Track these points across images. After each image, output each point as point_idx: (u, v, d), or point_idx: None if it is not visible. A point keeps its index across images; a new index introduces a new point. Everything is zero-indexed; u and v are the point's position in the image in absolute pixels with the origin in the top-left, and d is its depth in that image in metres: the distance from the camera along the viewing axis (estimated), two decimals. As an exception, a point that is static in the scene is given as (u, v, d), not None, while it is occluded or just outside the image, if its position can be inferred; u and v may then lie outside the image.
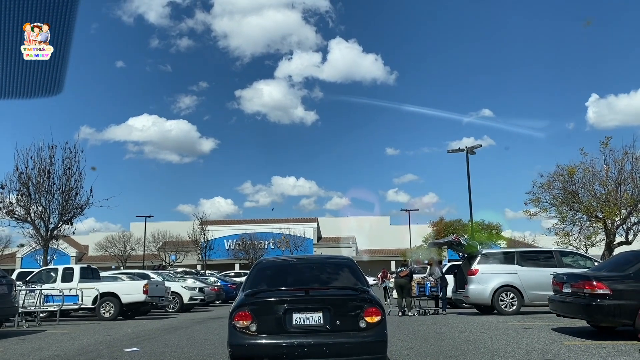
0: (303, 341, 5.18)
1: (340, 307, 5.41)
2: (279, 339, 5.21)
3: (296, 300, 5.44)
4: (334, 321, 5.30)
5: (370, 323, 5.31)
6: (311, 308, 5.36)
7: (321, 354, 5.16)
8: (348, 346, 5.21)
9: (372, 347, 5.27)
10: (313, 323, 5.31)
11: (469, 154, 34.43)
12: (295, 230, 70.55)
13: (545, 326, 10.75)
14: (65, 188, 20.54)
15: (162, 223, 67.70)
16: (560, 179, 21.03)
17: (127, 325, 13.58)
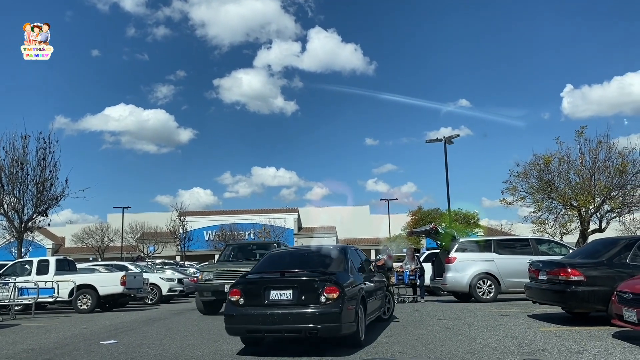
0: (275, 311, 6.83)
1: (305, 286, 6.97)
2: (259, 310, 6.91)
3: (273, 280, 7.15)
4: (300, 296, 6.90)
5: (329, 298, 6.81)
6: (283, 287, 7.02)
7: (288, 322, 6.78)
8: (308, 316, 6.77)
9: (328, 316, 6.75)
10: (284, 298, 6.96)
11: (447, 143, 34.70)
12: (275, 221, 70.47)
13: (522, 313, 10.93)
14: (39, 179, 20.13)
15: (140, 214, 66.96)
16: (536, 167, 21.32)
17: (105, 317, 13.41)
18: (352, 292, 7.25)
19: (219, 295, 12.17)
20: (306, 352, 7.04)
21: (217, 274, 12.67)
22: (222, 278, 12.41)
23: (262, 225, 70.27)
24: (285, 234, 70.26)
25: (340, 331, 6.86)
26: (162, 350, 7.78)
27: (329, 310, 6.75)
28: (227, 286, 10.81)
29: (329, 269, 7.43)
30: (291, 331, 6.91)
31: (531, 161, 21.66)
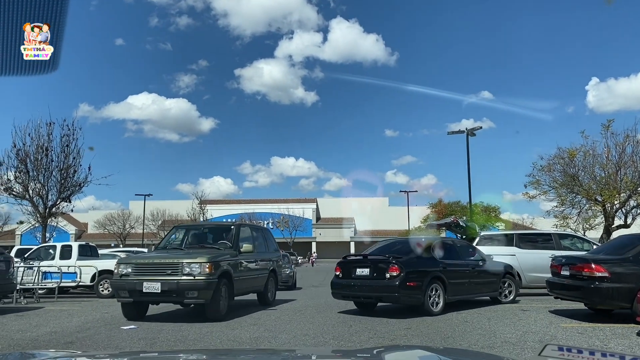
0: (359, 281, 10.05)
1: (377, 266, 9.94)
2: (348, 281, 10.24)
3: (358, 261, 10.50)
4: (373, 273, 9.92)
5: (392, 275, 9.64)
6: (364, 266, 10.13)
7: (365, 290, 9.97)
8: (379, 285, 9.74)
9: (391, 288, 9.60)
10: (364, 274, 10.03)
11: (469, 135, 34.19)
12: (294, 211, 70.75)
13: (543, 308, 10.77)
14: (63, 165, 20.44)
15: (162, 202, 67.78)
16: (560, 161, 20.94)
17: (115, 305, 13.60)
18: (414, 270, 9.89)
19: (138, 296, 9.30)
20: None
21: (136, 267, 9.58)
22: (142, 273, 9.40)
23: (281, 215, 70.59)
24: (303, 223, 70.58)
25: (398, 300, 9.86)
26: (181, 336, 7.85)
27: (392, 284, 9.54)
28: (148, 284, 9.12)
29: (394, 255, 10.13)
30: (367, 297, 10.19)
31: (555, 155, 21.32)
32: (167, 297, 9.22)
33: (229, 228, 11.33)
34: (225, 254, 10.03)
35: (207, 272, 9.08)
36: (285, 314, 10.62)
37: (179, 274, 9.13)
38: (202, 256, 9.41)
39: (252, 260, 11.10)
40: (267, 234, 13.12)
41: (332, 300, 12.37)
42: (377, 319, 9.55)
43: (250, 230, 12.03)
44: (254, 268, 11.24)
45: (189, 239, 11.41)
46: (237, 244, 10.54)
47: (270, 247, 12.76)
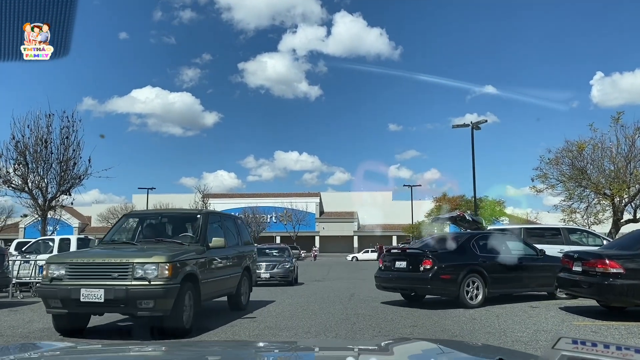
0: (397, 273, 10.69)
1: (413, 259, 10.46)
2: (389, 273, 10.88)
3: (397, 254, 11.28)
4: (409, 265, 10.43)
5: (425, 268, 10.08)
6: (402, 259, 10.74)
7: (401, 282, 10.61)
8: (414, 277, 10.28)
9: (423, 280, 10.06)
10: (402, 266, 10.60)
11: (474, 129, 33.81)
12: (297, 205, 70.49)
13: (553, 305, 10.43)
14: (63, 158, 20.14)
15: (165, 195, 67.52)
16: (569, 154, 20.50)
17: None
18: (449, 263, 10.31)
19: (74, 306, 6.99)
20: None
21: (72, 269, 7.20)
22: (79, 276, 7.14)
23: (284, 209, 70.31)
24: (307, 217, 70.31)
25: (431, 292, 10.53)
26: (178, 333, 7.53)
27: (426, 276, 9.98)
28: (87, 292, 6.85)
29: (430, 249, 10.82)
30: (403, 289, 10.82)
31: (563, 148, 20.86)
32: (113, 307, 7.06)
33: (194, 217, 9.23)
34: (190, 250, 7.95)
35: (166, 275, 6.98)
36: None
37: (129, 277, 6.92)
38: (160, 254, 7.26)
39: (223, 257, 9.08)
40: (240, 224, 11.25)
41: (329, 298, 12.07)
42: (382, 316, 9.24)
43: (221, 219, 10.01)
44: (225, 266, 9.19)
45: (143, 231, 9.11)
46: (204, 237, 8.46)
47: (244, 239, 10.72)
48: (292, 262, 17.82)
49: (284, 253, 19.15)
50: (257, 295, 13.05)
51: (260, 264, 16.79)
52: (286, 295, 13.20)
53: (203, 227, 8.61)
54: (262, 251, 20.15)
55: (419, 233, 53.52)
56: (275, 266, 17.03)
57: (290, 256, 18.65)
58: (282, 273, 16.92)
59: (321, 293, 13.93)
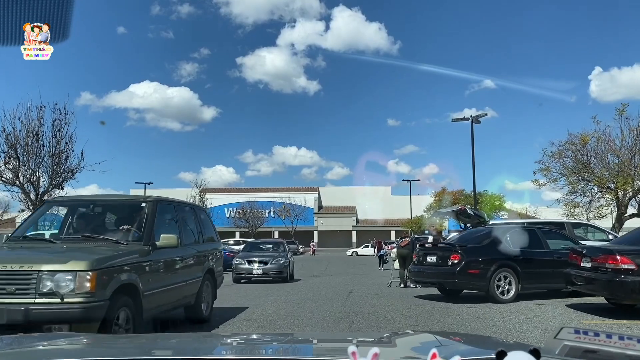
0: (428, 267, 10.85)
1: (442, 253, 10.60)
2: (420, 267, 11.10)
3: (429, 249, 11.49)
4: (439, 260, 10.53)
5: (453, 262, 10.12)
6: (432, 253, 10.92)
7: (431, 276, 10.85)
8: (442, 271, 10.44)
9: (451, 275, 10.16)
10: (432, 261, 10.73)
11: (474, 123, 33.44)
12: (296, 200, 70.02)
13: (559, 302, 10.04)
14: (55, 151, 19.66)
15: (163, 190, 66.97)
16: (572, 147, 20.04)
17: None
18: (477, 258, 10.25)
19: None
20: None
21: None
22: None
23: (282, 204, 69.87)
24: (305, 212, 69.86)
25: (458, 286, 10.52)
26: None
27: (455, 270, 10.01)
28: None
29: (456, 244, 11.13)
30: (432, 283, 11.05)
31: (566, 141, 20.37)
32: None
33: (138, 206, 6.87)
34: (128, 251, 5.96)
35: (87, 288, 4.98)
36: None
37: (32, 292, 4.92)
38: (79, 258, 5.19)
39: (176, 259, 6.96)
40: (200, 216, 8.59)
41: (326, 295, 11.71)
42: (381, 315, 8.86)
43: (176, 210, 7.60)
44: (179, 271, 7.06)
45: (70, 225, 6.97)
46: (150, 233, 6.37)
47: (206, 234, 8.47)
48: (287, 258, 16.91)
49: (278, 248, 18.35)
50: (246, 293, 12.68)
51: (253, 259, 16.30)
52: (282, 292, 12.80)
53: (149, 220, 6.47)
54: (256, 246, 19.53)
55: (419, 227, 53.38)
56: (269, 262, 16.21)
57: (285, 251, 17.77)
58: (276, 269, 16.07)
59: (318, 289, 13.54)
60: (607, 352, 1.47)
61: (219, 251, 9.05)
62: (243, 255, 17.56)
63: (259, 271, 15.96)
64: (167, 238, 6.46)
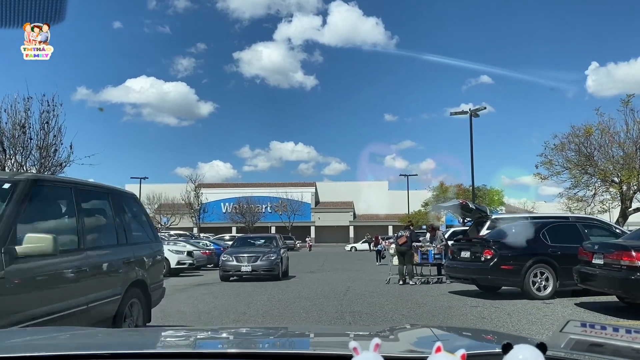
0: (462, 263, 10.68)
1: (476, 248, 10.29)
2: (455, 263, 10.95)
3: (463, 244, 11.16)
4: (472, 255, 10.29)
5: (486, 258, 9.85)
6: (466, 248, 10.69)
7: (464, 272, 10.59)
8: (475, 267, 10.14)
9: (483, 271, 9.90)
10: (466, 256, 10.52)
11: (473, 116, 32.96)
12: (292, 195, 69.49)
13: (567, 301, 9.53)
14: (43, 144, 19.06)
15: (158, 185, 66.36)
16: (575, 140, 19.49)
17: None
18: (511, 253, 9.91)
19: None
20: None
21: None
22: None
23: (279, 199, 69.32)
24: (302, 208, 69.34)
25: (491, 282, 10.21)
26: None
27: (487, 266, 9.80)
28: None
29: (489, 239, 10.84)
30: (465, 279, 10.69)
31: (569, 133, 19.80)
32: None
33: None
34: None
35: None
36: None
37: None
38: None
39: (65, 272, 4.63)
40: (126, 206, 6.13)
41: (322, 293, 11.22)
42: (380, 314, 8.35)
43: (74, 195, 4.96)
44: (73, 290, 4.70)
45: None
46: (7, 233, 4.03)
47: (135, 232, 6.20)
48: (280, 254, 15.74)
49: (270, 243, 17.09)
50: (238, 291, 12.17)
51: (241, 255, 15.28)
52: (277, 290, 12.27)
53: (6, 213, 4.13)
54: (246, 241, 18.50)
55: (416, 222, 52.79)
56: (259, 258, 15.07)
57: (277, 247, 16.50)
58: (266, 266, 14.95)
59: (314, 286, 13.00)
60: (613, 345, 1.46)
61: (156, 255, 6.62)
62: (231, 251, 16.49)
63: (247, 268, 14.95)
64: (35, 241, 4.09)
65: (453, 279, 11.45)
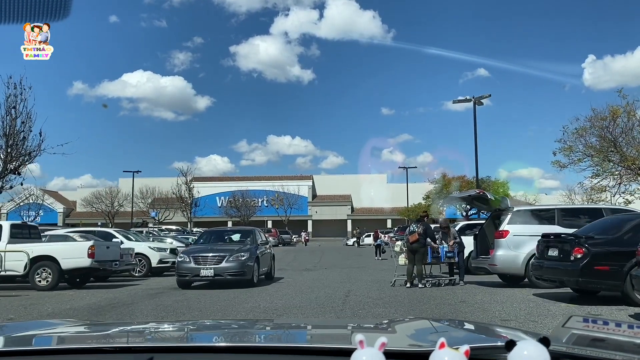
0: (549, 262, 9.25)
1: (564, 246, 8.90)
2: (541, 262, 9.52)
3: (550, 240, 9.47)
4: (560, 254, 8.99)
5: (576, 257, 8.46)
6: (554, 246, 9.28)
7: (551, 272, 9.20)
8: (563, 268, 8.75)
9: (572, 272, 8.45)
10: (554, 254, 9.20)
11: (476, 104, 31.53)
12: (289, 188, 67.91)
13: (606, 308, 7.86)
14: (9, 131, 17.30)
15: (152, 179, 64.65)
16: (598, 123, 17.67)
17: (57, 298, 10.68)
18: (607, 252, 8.50)
19: None
20: None
21: None
22: None
23: (275, 192, 67.72)
24: (299, 201, 67.69)
25: (582, 286, 8.86)
26: None
27: (577, 267, 8.35)
28: None
29: (578, 234, 9.34)
30: (552, 281, 9.36)
31: (591, 116, 17.96)
32: None
33: None
34: None
35: None
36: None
37: None
38: None
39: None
40: None
41: (316, 301, 9.54)
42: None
43: None
44: None
45: None
46: None
47: None
48: (255, 252, 12.48)
49: (246, 239, 13.60)
50: (211, 300, 10.46)
51: (202, 255, 12.03)
52: (264, 296, 10.55)
53: None
54: (215, 236, 14.51)
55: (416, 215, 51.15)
56: (224, 259, 11.82)
57: (254, 243, 13.19)
58: (234, 268, 11.74)
59: (308, 291, 11.22)
60: (615, 340, 1.46)
61: None
62: (191, 249, 13.17)
63: (208, 272, 11.73)
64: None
65: (539, 280, 10.03)
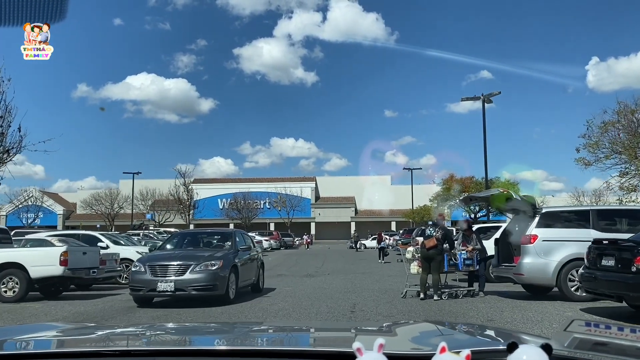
0: (603, 274, 7.83)
1: (623, 254, 7.62)
2: (593, 272, 8.04)
3: (605, 247, 8.09)
4: (618, 263, 7.65)
5: (638, 267, 7.20)
6: (610, 254, 7.86)
7: (606, 285, 7.77)
8: (621, 280, 7.47)
9: (635, 286, 7.26)
10: (610, 264, 7.82)
11: (485, 102, 30.24)
12: (292, 190, 66.64)
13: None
14: (-15, 126, 16.05)
15: (151, 180, 63.48)
16: (626, 117, 16.17)
17: (17, 312, 9.35)
18: None
19: None
20: None
21: None
22: None
23: (278, 194, 66.44)
24: (302, 203, 66.37)
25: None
26: None
27: (636, 280, 7.22)
28: None
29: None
30: (608, 295, 8.01)
31: (619, 109, 16.43)
32: None
33: None
34: None
35: None
36: None
37: None
38: None
39: None
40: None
41: (316, 318, 8.16)
42: None
43: None
44: None
45: None
46: None
47: None
48: (233, 260, 10.16)
49: (224, 243, 11.28)
50: (194, 316, 9.07)
51: (160, 264, 9.65)
52: (256, 313, 9.17)
53: None
54: (184, 239, 11.96)
55: (421, 218, 49.87)
56: (189, 268, 9.45)
57: (233, 248, 10.75)
58: (201, 281, 9.38)
59: (307, 306, 9.76)
60: (617, 344, 1.45)
61: None
62: (150, 256, 10.59)
63: (167, 286, 9.31)
64: None
65: (591, 294, 8.49)
